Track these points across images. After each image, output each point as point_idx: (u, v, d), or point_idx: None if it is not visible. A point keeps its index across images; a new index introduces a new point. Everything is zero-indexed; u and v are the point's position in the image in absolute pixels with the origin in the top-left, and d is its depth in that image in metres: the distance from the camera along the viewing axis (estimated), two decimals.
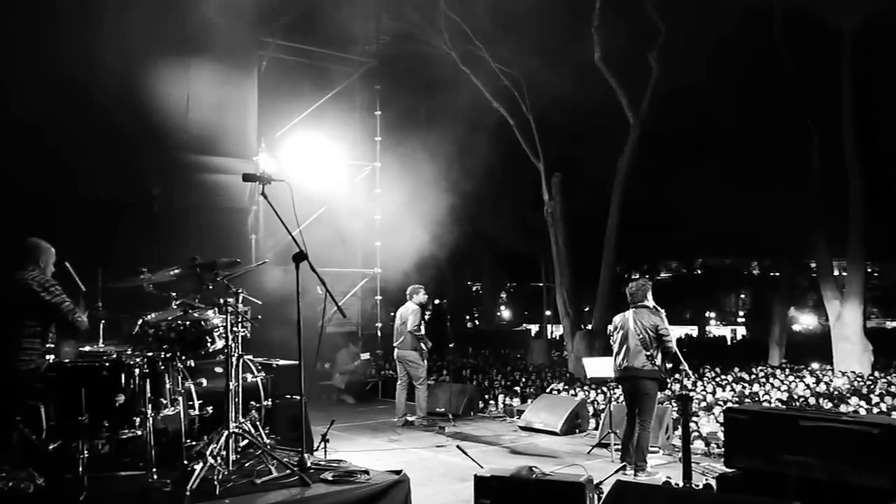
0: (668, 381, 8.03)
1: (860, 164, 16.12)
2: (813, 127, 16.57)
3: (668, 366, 7.96)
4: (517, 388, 13.95)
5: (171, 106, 10.52)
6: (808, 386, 13.18)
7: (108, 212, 9.00)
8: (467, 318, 39.78)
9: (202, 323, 6.01)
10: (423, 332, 10.90)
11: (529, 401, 11.94)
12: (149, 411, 5.59)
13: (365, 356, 14.81)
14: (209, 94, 11.14)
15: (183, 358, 6.06)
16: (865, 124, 16.43)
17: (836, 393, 12.20)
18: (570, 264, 17.74)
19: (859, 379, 14.40)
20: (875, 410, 10.53)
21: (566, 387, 13.81)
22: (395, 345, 11.14)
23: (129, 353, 5.78)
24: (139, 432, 5.55)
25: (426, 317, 11.25)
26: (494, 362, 19.43)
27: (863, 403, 10.78)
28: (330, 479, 5.66)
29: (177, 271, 6.25)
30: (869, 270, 27.10)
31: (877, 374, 15.24)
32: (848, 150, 16.15)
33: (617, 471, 7.25)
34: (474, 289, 40.69)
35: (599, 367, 9.62)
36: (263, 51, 13.12)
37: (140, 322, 6.02)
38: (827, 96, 16.38)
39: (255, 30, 12.17)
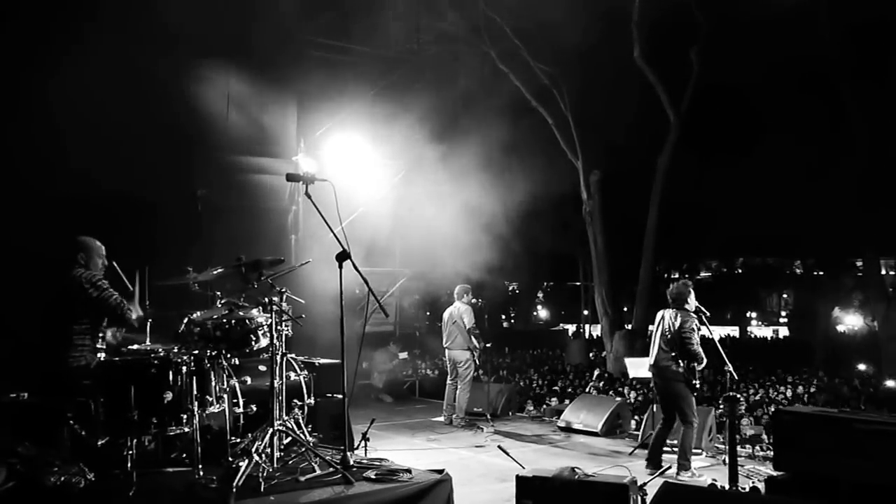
0: (695, 382, 7.89)
1: None
2: (859, 123, 16.25)
3: (694, 366, 7.82)
4: (556, 388, 13.88)
5: (213, 107, 10.63)
6: (855, 388, 12.94)
7: (154, 212, 9.11)
8: (503, 317, 39.68)
9: (247, 321, 6.06)
10: (478, 330, 10.94)
11: (567, 401, 11.88)
12: (195, 408, 5.66)
13: (403, 355, 14.85)
14: (250, 95, 11.25)
15: (228, 356, 6.12)
16: None
17: (885, 395, 11.96)
18: (609, 263, 17.59)
19: None
20: None
21: (605, 386, 13.72)
22: (445, 345, 11.14)
23: (175, 350, 5.85)
24: (186, 429, 5.62)
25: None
26: (532, 362, 19.37)
27: None
28: (373, 477, 5.69)
29: (221, 270, 6.32)
30: None
31: None
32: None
33: (661, 472, 7.19)
34: (511, 288, 40.55)
35: (642, 367, 9.54)
36: (304, 50, 13.20)
37: (186, 320, 6.09)
38: (874, 91, 16.04)
39: (296, 28, 12.23)
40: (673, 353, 7.81)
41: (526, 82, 16.70)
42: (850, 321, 37.07)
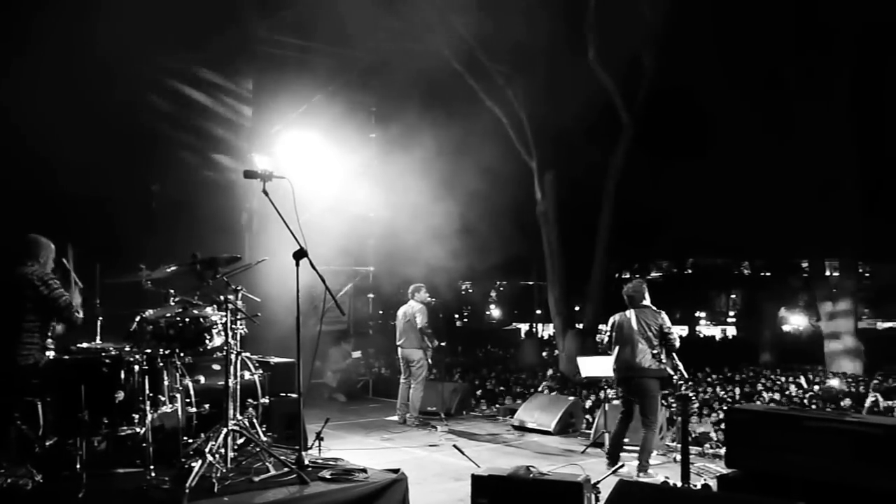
0: (675, 378, 8.03)
1: (856, 164, 16.21)
2: (806, 125, 16.63)
3: (675, 363, 7.96)
4: (509, 388, 13.96)
5: (169, 102, 10.49)
6: (800, 387, 13.26)
7: (106, 208, 8.96)
8: (457, 316, 39.78)
9: (201, 320, 6.00)
10: (431, 330, 10.93)
11: (521, 400, 11.96)
12: (147, 408, 5.57)
13: (356, 354, 14.79)
14: (206, 91, 11.11)
15: (181, 355, 6.05)
16: (862, 123, 16.51)
17: (829, 394, 12.27)
18: (562, 263, 17.75)
19: (852, 380, 14.48)
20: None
21: (557, 386, 13.84)
22: (398, 344, 11.11)
23: (127, 349, 5.76)
24: (138, 429, 5.54)
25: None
26: (486, 361, 19.45)
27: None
28: (328, 477, 5.66)
29: (175, 268, 6.23)
30: (860, 271, 27.31)
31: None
32: (843, 149, 16.22)
33: (614, 470, 7.28)
34: (464, 288, 40.67)
35: (594, 366, 9.62)
36: (260, 47, 13.07)
37: (138, 319, 6.00)
38: (824, 93, 16.42)
39: (252, 25, 12.12)
40: (655, 352, 7.89)
41: (481, 82, 16.76)
42: (796, 321, 37.98)
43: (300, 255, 5.84)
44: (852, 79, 16.27)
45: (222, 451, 5.65)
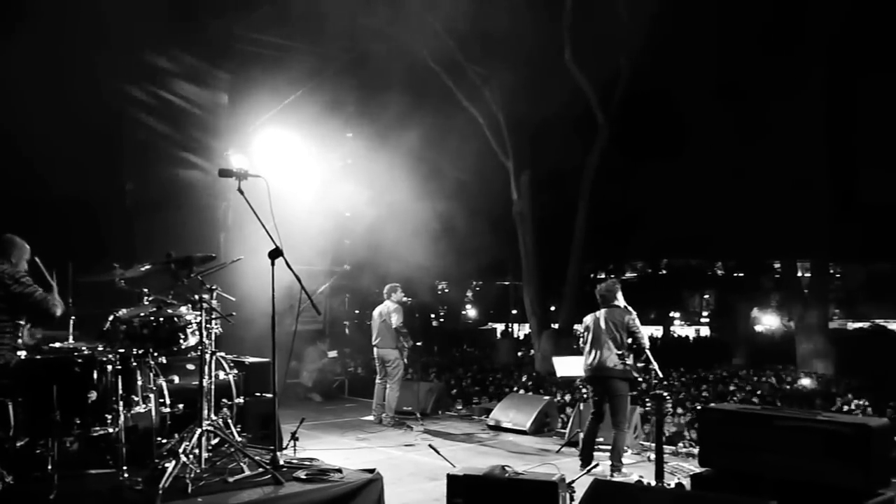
0: (641, 380, 8.12)
1: (828, 167, 16.41)
2: (778, 126, 16.82)
3: (640, 365, 8.04)
4: (485, 387, 13.99)
5: (143, 101, 10.39)
6: (773, 386, 13.41)
7: (80, 207, 8.85)
8: (433, 316, 39.76)
9: (175, 319, 5.95)
10: (406, 329, 10.92)
11: (496, 400, 12.00)
12: (120, 408, 5.51)
13: (332, 354, 14.76)
14: (182, 90, 11.02)
15: (155, 354, 6.00)
16: (834, 125, 16.73)
17: (802, 393, 12.44)
18: (538, 263, 17.81)
19: (822, 379, 14.67)
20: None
21: (532, 385, 13.88)
22: (374, 343, 11.09)
23: (100, 349, 5.69)
24: (110, 430, 5.46)
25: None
26: (461, 361, 19.47)
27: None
28: (303, 477, 5.64)
29: (149, 267, 6.18)
30: (831, 272, 27.69)
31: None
32: (814, 150, 16.41)
33: (588, 470, 7.31)
34: (440, 287, 40.68)
35: (569, 366, 9.68)
36: (237, 44, 12.98)
37: (112, 318, 5.94)
38: (796, 94, 16.61)
39: (228, 23, 12.03)
40: (620, 353, 7.93)
41: (458, 82, 16.77)
42: (768, 321, 38.38)
43: (275, 254, 5.82)
44: (824, 80, 16.47)
45: (196, 451, 5.62)
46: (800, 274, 19.54)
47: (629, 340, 7.98)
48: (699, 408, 5.90)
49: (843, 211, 17.92)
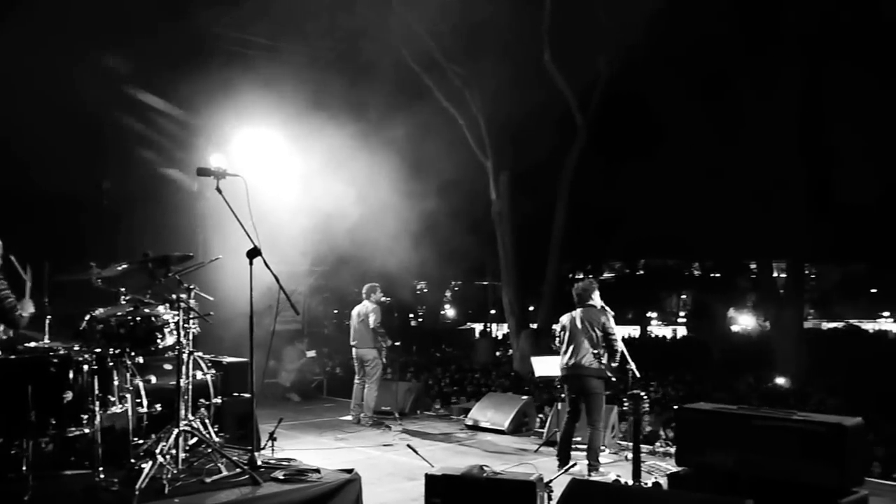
0: (615, 380, 8.17)
1: (803, 168, 16.58)
2: (754, 129, 16.98)
3: (614, 365, 8.08)
4: (463, 387, 14.02)
5: (121, 99, 10.30)
6: (749, 385, 13.54)
7: (57, 205, 8.77)
8: (412, 316, 39.76)
9: (153, 318, 5.91)
10: (384, 330, 10.91)
11: (474, 399, 12.01)
12: (97, 409, 5.46)
13: (311, 354, 14.71)
14: (159, 88, 10.95)
15: (132, 354, 5.95)
16: (809, 127, 16.90)
17: (777, 392, 12.57)
18: (516, 263, 17.87)
19: (797, 379, 14.84)
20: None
21: (510, 385, 13.93)
22: (352, 343, 11.06)
23: (76, 349, 5.64)
24: (86, 430, 5.41)
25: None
26: (440, 361, 19.50)
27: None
28: (281, 477, 5.62)
29: (127, 266, 6.13)
30: (807, 272, 28.00)
31: None
32: (789, 152, 16.58)
33: (566, 469, 7.34)
34: (419, 288, 40.67)
35: (547, 365, 9.71)
36: (216, 43, 12.91)
37: (88, 317, 5.88)
38: (773, 98, 16.77)
39: (207, 22, 11.97)
40: (596, 352, 7.97)
41: (438, 82, 16.78)
42: (744, 321, 38.74)
43: (254, 253, 5.80)
44: (799, 81, 16.64)
45: (173, 451, 5.58)
46: (775, 274, 19.75)
47: (604, 340, 8.02)
48: (676, 407, 5.94)
49: (819, 212, 18.12)
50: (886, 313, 38.51)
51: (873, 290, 39.34)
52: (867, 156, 16.67)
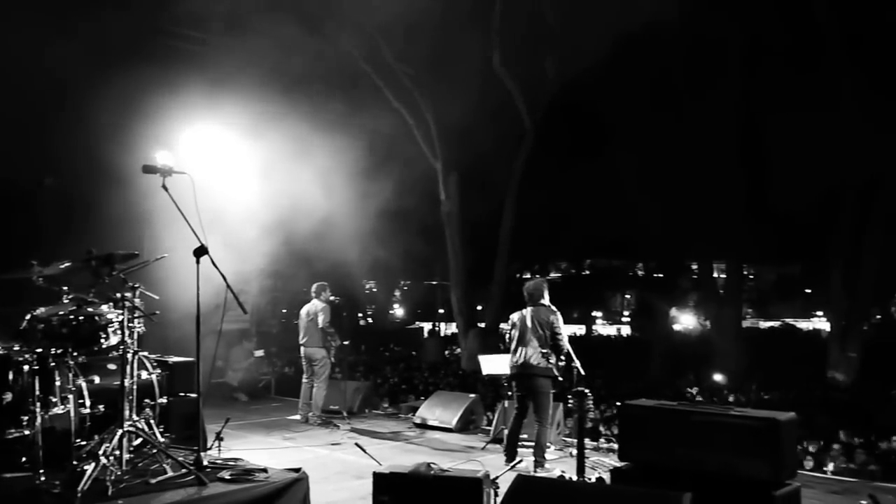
0: (561, 378, 8.30)
1: (742, 173, 16.98)
2: (698, 136, 17.33)
3: (561, 363, 8.21)
4: (412, 386, 14.05)
5: (65, 94, 10.08)
6: (689, 382, 13.83)
7: None
8: (360, 315, 39.61)
9: (96, 318, 5.83)
10: (333, 329, 10.89)
11: (423, 398, 12.06)
12: (37, 410, 5.37)
13: (259, 353, 14.60)
14: (104, 84, 10.74)
15: (75, 354, 5.86)
16: (747, 131, 17.32)
17: (715, 389, 12.87)
18: (465, 263, 17.97)
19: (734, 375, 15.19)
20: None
21: (458, 383, 14.00)
22: (301, 342, 11.02)
23: (16, 349, 5.53)
24: (27, 432, 5.34)
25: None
26: (389, 359, 19.49)
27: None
28: (227, 477, 5.60)
29: (69, 264, 6.03)
30: (745, 273, 28.71)
31: None
32: (729, 154, 16.95)
33: (512, 466, 7.44)
34: (368, 287, 40.53)
35: (494, 364, 9.81)
36: (161, 38, 12.73)
37: (29, 317, 5.78)
38: (710, 101, 17.12)
39: (151, 17, 11.80)
40: (544, 351, 8.08)
41: (387, 82, 16.77)
42: (686, 320, 39.48)
43: (201, 251, 5.76)
44: (738, 91, 17.04)
45: (117, 452, 5.51)
46: (715, 275, 20.21)
47: (551, 339, 8.14)
48: (619, 404, 6.07)
49: (757, 215, 18.58)
50: (820, 313, 39.61)
51: (808, 291, 40.45)
52: (801, 163, 17.13)
